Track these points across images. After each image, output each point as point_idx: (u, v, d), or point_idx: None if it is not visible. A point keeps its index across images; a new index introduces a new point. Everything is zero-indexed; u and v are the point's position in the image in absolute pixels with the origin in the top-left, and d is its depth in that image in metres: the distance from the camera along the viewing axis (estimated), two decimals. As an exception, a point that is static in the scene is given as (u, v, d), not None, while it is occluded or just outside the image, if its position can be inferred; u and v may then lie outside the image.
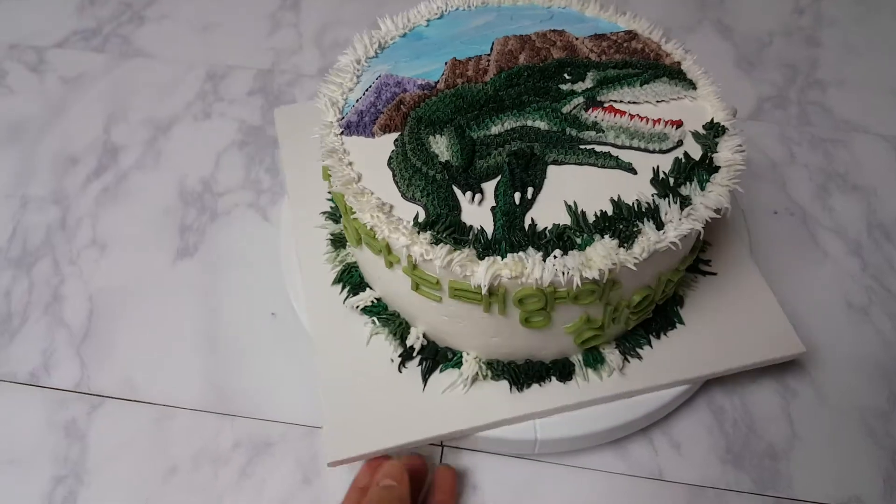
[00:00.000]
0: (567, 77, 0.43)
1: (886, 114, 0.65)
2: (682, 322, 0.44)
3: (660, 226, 0.36)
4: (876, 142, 0.63)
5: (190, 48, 0.71)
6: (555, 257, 0.35)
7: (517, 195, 0.38)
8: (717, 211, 0.37)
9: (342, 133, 0.42)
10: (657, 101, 0.42)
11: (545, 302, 0.36)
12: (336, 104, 0.43)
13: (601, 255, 0.35)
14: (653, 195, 0.38)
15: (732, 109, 0.42)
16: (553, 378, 0.42)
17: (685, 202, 0.37)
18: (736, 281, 0.47)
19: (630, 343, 0.43)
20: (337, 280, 0.47)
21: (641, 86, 0.43)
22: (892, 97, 0.67)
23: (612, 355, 0.42)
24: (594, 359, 0.43)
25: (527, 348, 0.41)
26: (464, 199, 0.38)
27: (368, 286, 0.46)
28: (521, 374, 0.42)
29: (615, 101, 0.42)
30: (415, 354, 0.43)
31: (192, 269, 0.55)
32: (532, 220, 0.37)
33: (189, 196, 0.59)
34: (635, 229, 0.36)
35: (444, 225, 0.36)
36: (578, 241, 0.36)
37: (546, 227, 0.36)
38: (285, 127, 0.56)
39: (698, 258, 0.47)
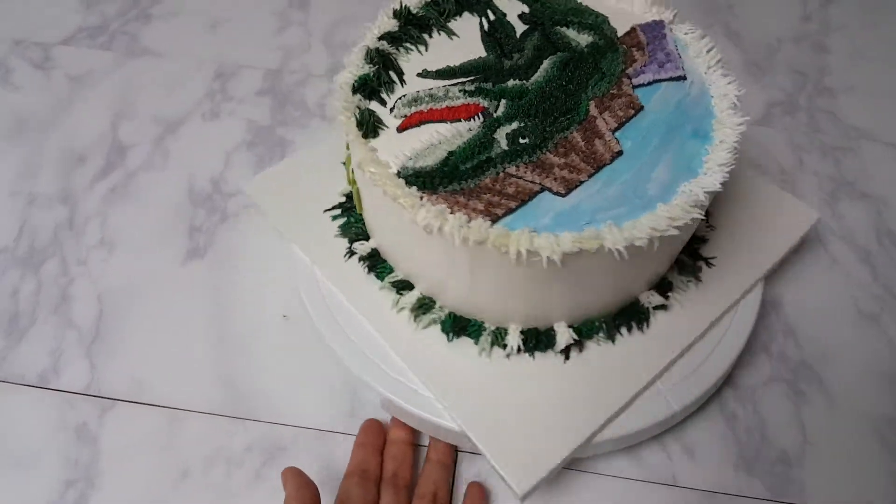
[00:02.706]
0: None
1: (895, 121, 0.65)
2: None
3: None
4: (885, 150, 0.63)
5: (198, 46, 0.71)
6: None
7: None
8: None
9: None
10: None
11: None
12: None
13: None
14: None
15: None
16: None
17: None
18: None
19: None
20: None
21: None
22: (899, 105, 0.67)
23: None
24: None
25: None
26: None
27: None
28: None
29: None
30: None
31: (201, 270, 0.55)
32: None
33: (198, 196, 0.59)
34: None
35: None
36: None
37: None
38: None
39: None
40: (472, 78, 0.44)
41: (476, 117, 0.41)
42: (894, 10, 0.75)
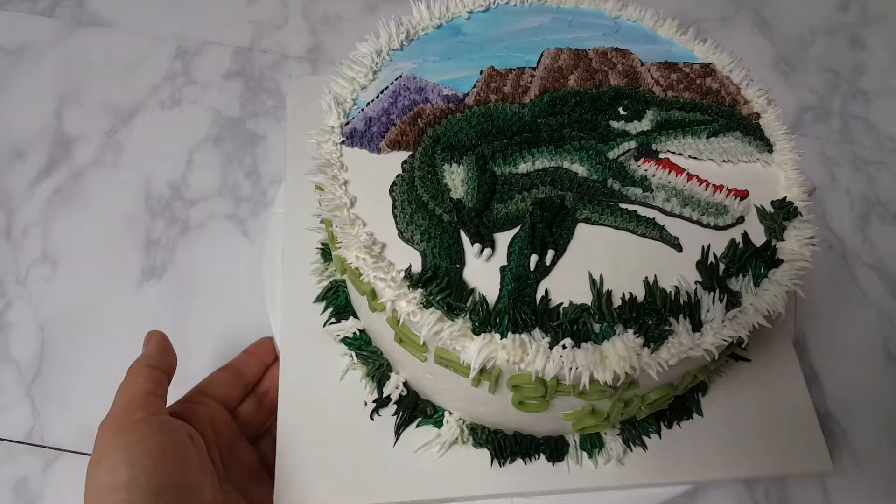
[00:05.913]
0: (622, 112, 0.36)
1: (934, 132, 0.59)
2: (700, 413, 0.39)
3: (697, 326, 0.30)
4: (922, 165, 0.58)
5: (157, 16, 0.61)
6: (563, 347, 0.29)
7: (533, 257, 0.31)
8: (769, 316, 0.31)
9: (343, 142, 0.35)
10: (722, 161, 0.35)
11: (545, 391, 0.30)
12: (343, 104, 0.36)
13: (619, 354, 0.29)
14: (696, 283, 0.31)
15: (810, 187, 0.35)
16: (542, 456, 0.37)
17: (733, 300, 0.31)
18: (769, 370, 0.40)
19: (636, 430, 0.38)
20: (320, 298, 0.41)
21: (708, 138, 0.35)
22: (939, 111, 0.61)
23: (613, 442, 0.37)
24: (592, 443, 0.37)
25: (517, 423, 0.36)
26: (470, 249, 0.32)
27: (354, 313, 0.40)
28: (507, 446, 0.36)
29: (673, 153, 0.35)
30: (391, 404, 0.37)
31: (159, 292, 0.48)
32: (546, 291, 0.31)
33: (156, 203, 0.52)
34: (666, 328, 0.30)
35: (439, 286, 0.30)
36: (596, 329, 0.30)
37: (560, 305, 0.30)
38: (298, 104, 0.46)
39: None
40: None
41: None
42: (941, 1, 0.68)
